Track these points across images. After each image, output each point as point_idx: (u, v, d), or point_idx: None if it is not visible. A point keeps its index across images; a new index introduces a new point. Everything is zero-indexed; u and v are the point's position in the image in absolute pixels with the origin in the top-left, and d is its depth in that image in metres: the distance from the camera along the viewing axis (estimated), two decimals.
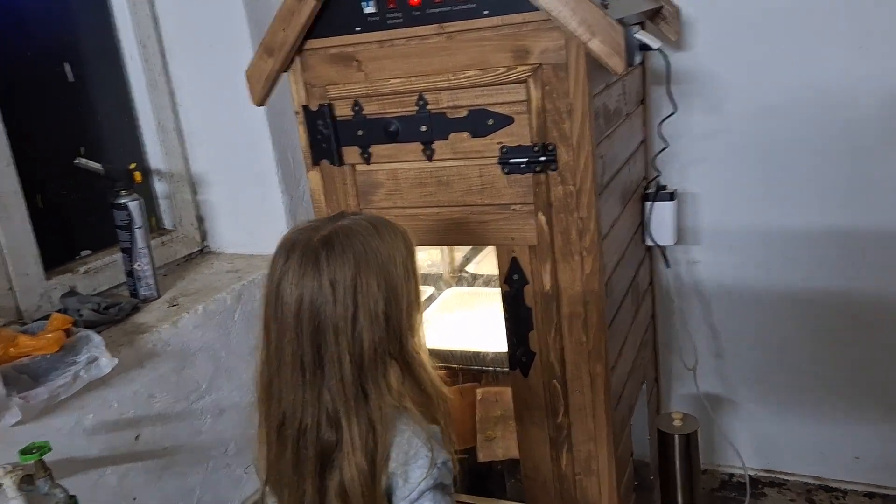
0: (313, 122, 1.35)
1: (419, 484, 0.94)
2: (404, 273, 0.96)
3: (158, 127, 1.76)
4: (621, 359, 1.47)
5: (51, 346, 1.19)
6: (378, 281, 0.93)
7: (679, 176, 1.82)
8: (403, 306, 0.97)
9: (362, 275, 0.92)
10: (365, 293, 0.92)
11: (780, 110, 1.72)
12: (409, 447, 0.96)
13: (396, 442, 0.95)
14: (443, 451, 0.98)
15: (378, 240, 0.94)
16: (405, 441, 0.96)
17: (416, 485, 0.94)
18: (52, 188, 1.56)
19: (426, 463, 0.94)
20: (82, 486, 1.25)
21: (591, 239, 1.25)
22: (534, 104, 1.21)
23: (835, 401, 1.88)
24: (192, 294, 1.60)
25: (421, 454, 0.95)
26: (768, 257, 1.83)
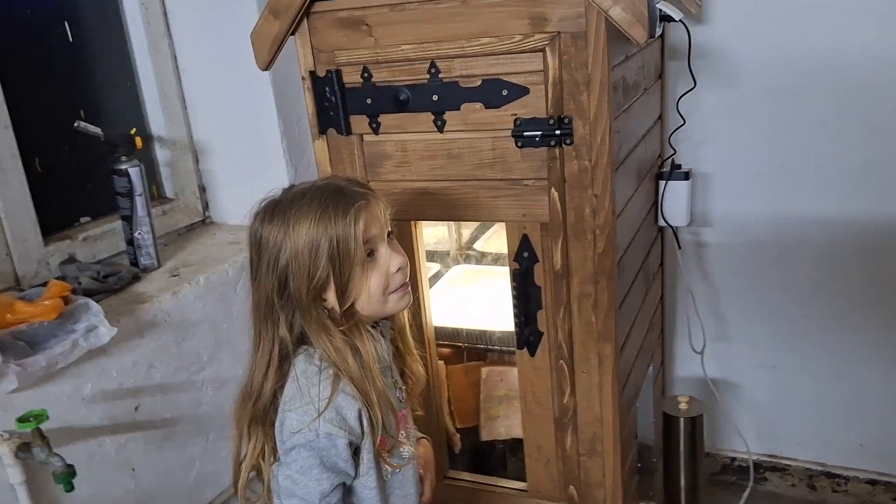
0: (320, 88, 1.31)
1: (292, 436, 0.98)
2: (326, 254, 0.97)
3: (160, 92, 1.72)
4: (630, 340, 1.45)
5: (49, 313, 1.16)
6: (287, 250, 0.98)
7: (693, 155, 1.78)
8: (305, 281, 0.98)
9: (284, 238, 0.98)
10: (269, 249, 0.99)
11: (798, 89, 1.67)
12: (290, 392, 1.00)
13: (288, 384, 1.01)
14: (331, 425, 0.97)
15: (308, 221, 0.97)
16: (292, 384, 1.00)
17: (288, 434, 0.99)
18: (50, 152, 1.52)
19: (300, 417, 0.98)
20: (81, 456, 1.23)
21: (604, 217, 1.22)
22: (550, 74, 1.17)
23: (841, 388, 1.86)
24: (193, 265, 1.57)
25: (296, 405, 0.99)
26: (780, 240, 1.80)
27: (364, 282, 1.00)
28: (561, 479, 1.42)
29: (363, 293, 1.01)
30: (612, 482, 1.38)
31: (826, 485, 1.94)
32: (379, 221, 1.02)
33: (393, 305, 1.05)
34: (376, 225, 1.01)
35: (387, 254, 1.02)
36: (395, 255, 1.03)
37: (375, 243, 1.01)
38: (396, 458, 1.07)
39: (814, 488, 1.96)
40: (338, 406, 0.98)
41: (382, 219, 1.03)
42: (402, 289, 1.05)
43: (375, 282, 1.01)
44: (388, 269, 1.02)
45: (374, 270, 1.01)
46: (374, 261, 1.02)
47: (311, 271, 0.97)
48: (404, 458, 1.09)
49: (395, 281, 1.03)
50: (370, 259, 1.01)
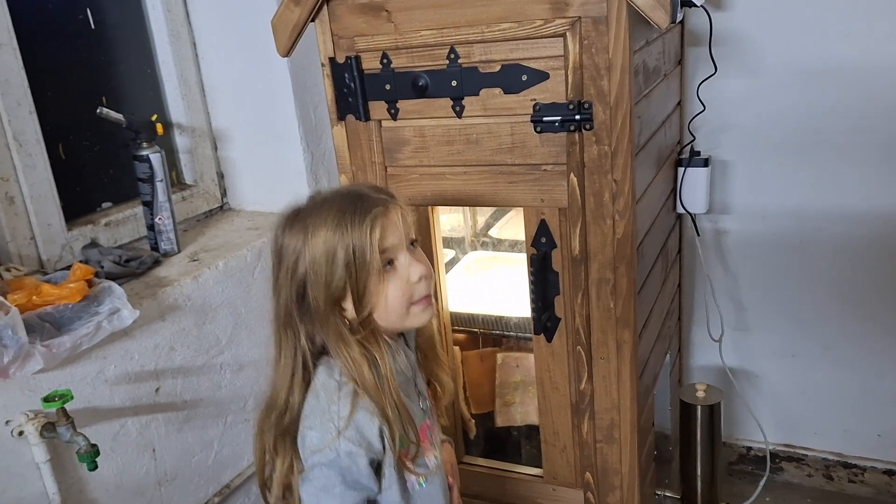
0: (340, 74, 1.32)
1: (313, 454, 0.97)
2: (343, 262, 0.95)
3: (180, 79, 1.73)
4: (648, 327, 1.45)
5: (74, 296, 1.17)
6: (306, 258, 0.97)
7: (713, 142, 1.77)
8: (322, 290, 0.97)
9: (303, 246, 0.97)
10: (289, 257, 0.98)
11: (820, 77, 1.66)
12: (310, 407, 0.99)
13: (308, 397, 1.00)
14: (351, 444, 0.95)
15: (326, 229, 0.96)
16: (312, 398, 0.99)
17: (309, 452, 0.97)
18: (73, 138, 1.54)
19: (320, 436, 0.96)
20: (104, 436, 1.25)
21: (624, 202, 1.22)
22: (571, 59, 1.17)
23: (860, 377, 1.85)
24: (212, 250, 1.58)
25: (315, 423, 0.98)
26: (800, 229, 1.79)
27: (381, 291, 0.98)
28: (577, 465, 1.42)
29: (381, 303, 0.98)
30: (628, 469, 1.38)
31: (843, 475, 1.93)
32: (398, 230, 0.98)
33: (414, 319, 1.02)
34: (394, 233, 0.98)
35: (407, 262, 0.99)
36: (416, 263, 0.99)
37: (395, 252, 0.98)
38: (422, 468, 1.05)
39: (831, 478, 1.95)
40: (358, 424, 0.96)
41: (403, 227, 0.99)
42: (425, 301, 1.02)
43: (395, 292, 0.99)
44: (408, 278, 0.99)
45: (394, 280, 0.98)
46: (393, 269, 0.99)
47: (328, 279, 0.95)
48: (430, 467, 1.06)
49: (417, 291, 1.00)
50: (390, 268, 0.98)
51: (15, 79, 1.34)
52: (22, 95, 1.35)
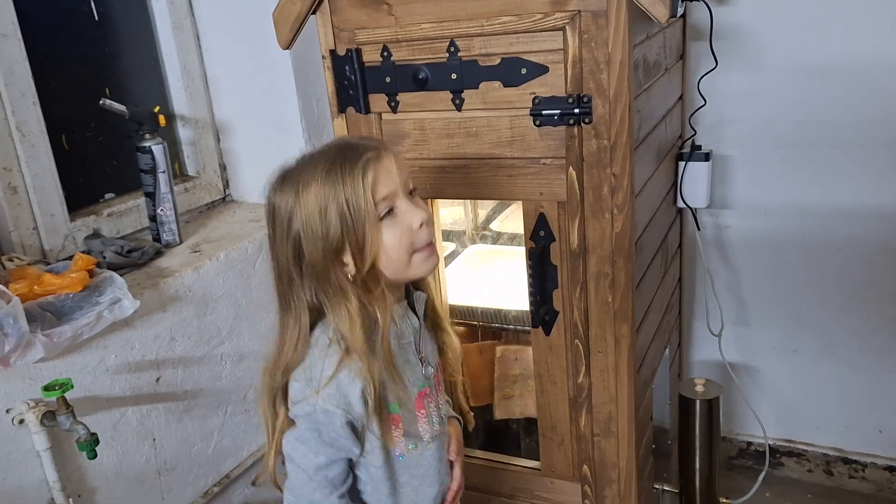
0: (340, 67, 1.32)
1: (294, 405, 0.98)
2: (337, 214, 0.93)
3: (183, 71, 1.74)
4: (646, 321, 1.45)
5: (75, 286, 1.18)
6: (299, 216, 0.95)
7: (714, 136, 1.76)
8: (319, 245, 0.95)
9: (294, 204, 0.95)
10: (281, 216, 0.96)
11: (823, 73, 1.65)
12: (304, 360, 0.99)
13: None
14: (329, 403, 0.95)
15: (316, 182, 0.94)
16: (307, 352, 0.99)
17: (291, 403, 0.99)
18: (77, 129, 1.55)
19: (301, 389, 0.97)
20: (104, 424, 1.26)
21: (623, 196, 1.22)
22: (570, 53, 1.17)
23: (862, 374, 1.84)
24: (214, 241, 1.59)
25: (300, 376, 0.98)
26: (802, 225, 1.78)
27: (381, 240, 0.95)
28: (575, 458, 1.43)
29: (382, 253, 0.96)
30: (625, 463, 1.39)
31: (843, 471, 1.93)
32: (393, 176, 0.95)
33: (418, 267, 1.00)
34: (390, 180, 0.95)
35: (406, 209, 0.96)
36: (416, 210, 0.97)
37: (392, 199, 0.96)
38: (413, 437, 1.04)
39: (831, 474, 1.95)
40: (340, 383, 0.96)
41: (398, 173, 0.96)
42: (429, 248, 0.99)
43: (396, 239, 0.96)
44: (409, 225, 0.96)
45: (394, 228, 0.96)
46: (392, 217, 0.96)
47: (324, 233, 0.93)
48: (423, 437, 1.05)
49: (419, 238, 0.97)
50: (388, 216, 0.96)
51: (19, 69, 1.35)
52: (26, 86, 1.36)
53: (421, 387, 1.06)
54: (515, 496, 1.52)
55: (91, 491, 1.26)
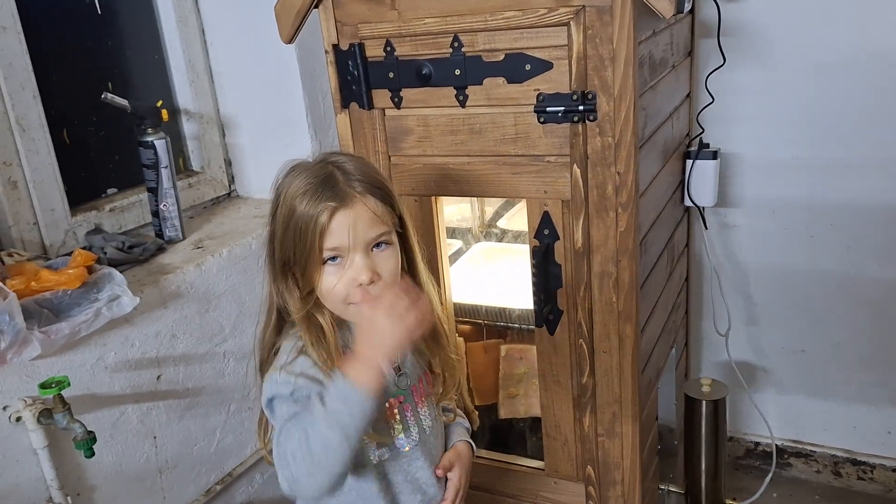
0: (343, 62, 1.31)
1: (265, 401, 1.00)
2: (292, 232, 0.96)
3: (188, 65, 1.73)
4: (651, 321, 1.43)
5: (72, 282, 1.18)
6: (277, 215, 0.99)
7: (722, 134, 1.74)
8: (277, 249, 1.00)
9: (275, 202, 1.00)
10: (271, 206, 1.00)
11: (833, 70, 1.62)
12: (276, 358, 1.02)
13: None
14: (293, 379, 0.97)
15: (293, 195, 0.97)
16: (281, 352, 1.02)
17: (264, 400, 1.01)
18: (78, 123, 1.54)
19: (273, 377, 0.99)
20: (104, 423, 1.26)
21: (627, 195, 1.20)
22: (575, 49, 1.15)
23: (871, 374, 1.82)
24: (217, 237, 1.58)
25: (276, 364, 1.00)
26: (811, 224, 1.76)
27: (321, 280, 0.97)
28: (579, 458, 1.41)
29: (319, 291, 0.99)
30: (629, 464, 1.37)
31: (851, 472, 1.91)
32: (349, 231, 0.95)
33: (353, 317, 0.99)
34: (343, 233, 0.95)
35: (354, 264, 0.96)
36: (362, 269, 0.96)
37: (342, 251, 0.96)
38: (385, 447, 1.05)
39: (839, 475, 1.92)
40: (302, 366, 0.98)
41: (360, 229, 0.96)
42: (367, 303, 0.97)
43: (332, 286, 0.97)
44: (352, 278, 0.97)
45: (333, 274, 0.97)
46: (339, 265, 0.97)
47: (282, 241, 0.97)
48: (398, 447, 1.05)
49: (354, 295, 0.97)
50: (336, 263, 0.97)
51: (19, 62, 1.34)
52: (26, 79, 1.35)
53: (394, 395, 1.05)
54: (519, 496, 1.50)
55: (90, 489, 1.25)
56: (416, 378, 1.11)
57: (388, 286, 0.98)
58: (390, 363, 0.93)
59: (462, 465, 1.14)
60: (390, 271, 1.00)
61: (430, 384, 1.13)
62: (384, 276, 0.98)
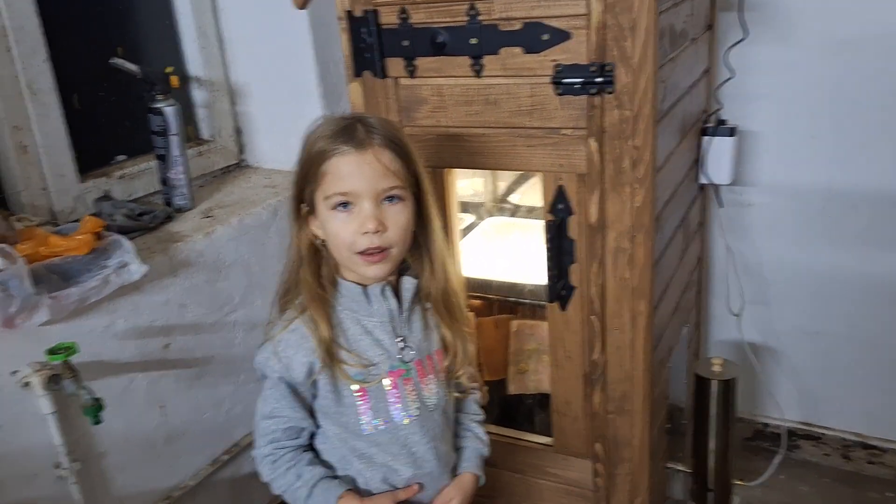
0: (357, 29, 1.28)
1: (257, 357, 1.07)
2: (302, 171, 1.02)
3: (199, 32, 1.70)
4: (665, 299, 1.41)
5: (81, 248, 1.17)
6: (307, 155, 1.02)
7: (741, 111, 1.70)
8: (294, 189, 1.04)
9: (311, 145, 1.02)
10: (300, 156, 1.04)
11: (859, 45, 1.58)
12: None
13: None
14: (266, 351, 1.04)
15: (313, 136, 1.02)
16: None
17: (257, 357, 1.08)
18: (89, 89, 1.52)
19: (265, 352, 1.05)
20: (112, 390, 1.25)
21: (644, 170, 1.17)
22: (594, 19, 1.12)
23: (885, 358, 1.80)
24: (227, 206, 1.57)
25: (272, 332, 1.06)
26: (829, 204, 1.72)
27: (328, 226, 1.01)
28: (588, 435, 1.40)
29: (329, 238, 1.02)
30: (639, 442, 1.36)
31: (862, 456, 1.90)
32: (356, 177, 0.97)
33: (357, 268, 1.02)
34: (348, 179, 0.97)
35: (362, 211, 0.98)
36: (368, 217, 0.98)
37: (351, 196, 0.98)
38: (381, 416, 1.05)
39: (848, 458, 1.91)
40: (287, 344, 1.03)
41: (370, 177, 0.98)
42: (372, 256, 1.00)
43: (338, 232, 0.99)
44: (359, 226, 0.98)
45: (344, 222, 0.99)
46: (349, 211, 0.99)
47: (296, 179, 1.02)
48: (394, 419, 1.06)
49: (359, 243, 0.99)
50: (345, 209, 0.99)
51: (30, 26, 1.32)
52: (37, 43, 1.33)
53: (394, 367, 1.06)
54: (526, 472, 1.50)
55: (98, 456, 1.26)
56: (426, 354, 1.10)
57: (394, 242, 1.00)
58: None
59: (460, 500, 1.14)
60: (399, 226, 1.01)
61: (441, 360, 1.12)
62: (391, 228, 1.00)
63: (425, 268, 1.08)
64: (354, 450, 1.07)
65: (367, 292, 1.05)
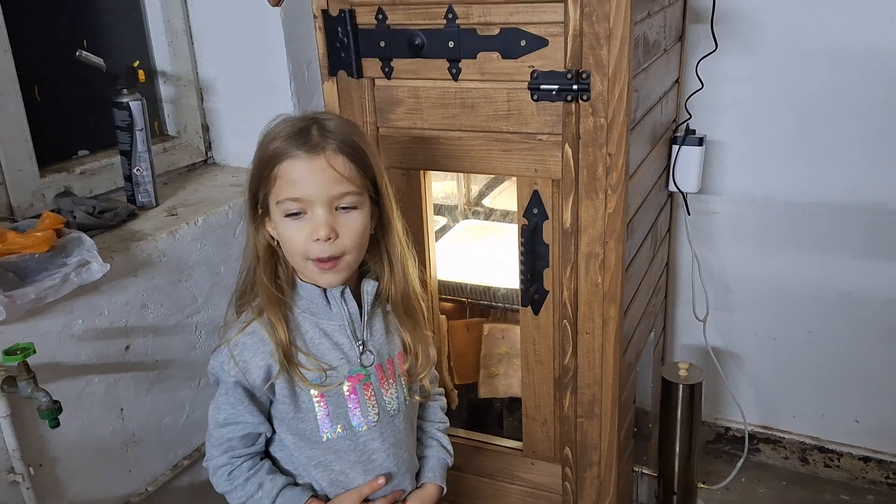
0: (332, 28, 1.26)
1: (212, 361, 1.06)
2: (274, 172, 0.99)
3: (167, 25, 1.66)
4: (634, 304, 1.42)
5: (40, 245, 1.12)
6: (261, 156, 1.01)
7: (709, 121, 1.73)
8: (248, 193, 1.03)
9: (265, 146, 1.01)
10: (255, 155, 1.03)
11: (822, 60, 1.63)
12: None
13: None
14: (221, 355, 1.02)
15: (268, 138, 1.00)
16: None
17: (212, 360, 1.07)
18: (50, 81, 1.47)
19: (220, 356, 1.04)
20: (69, 393, 1.21)
21: (617, 177, 1.18)
22: (571, 26, 1.12)
23: (841, 363, 1.85)
24: (192, 205, 1.53)
25: (227, 335, 1.05)
26: (790, 213, 1.77)
27: (280, 232, 0.99)
28: (557, 439, 1.41)
29: (282, 243, 1.00)
30: (607, 445, 1.37)
31: (819, 459, 1.94)
32: (318, 182, 0.95)
33: (312, 276, 1.01)
34: (299, 185, 0.96)
35: (314, 217, 0.96)
36: (321, 224, 0.96)
37: (302, 203, 0.96)
38: (340, 422, 1.04)
39: (806, 461, 1.96)
40: (244, 347, 1.01)
41: (323, 183, 0.96)
42: (325, 264, 0.99)
43: (289, 237, 0.98)
44: (311, 232, 0.97)
45: (296, 228, 0.97)
46: (301, 219, 0.97)
47: (250, 179, 1.01)
48: (353, 425, 1.05)
49: (312, 250, 0.97)
50: (298, 217, 0.97)
51: None
52: None
53: (353, 371, 1.05)
54: (494, 476, 1.50)
55: (53, 461, 1.21)
56: (386, 358, 1.09)
57: (348, 249, 0.99)
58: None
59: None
60: (353, 232, 0.99)
61: (402, 364, 1.11)
62: (343, 236, 0.98)
63: (385, 270, 1.07)
64: (311, 458, 1.06)
65: (327, 295, 1.03)
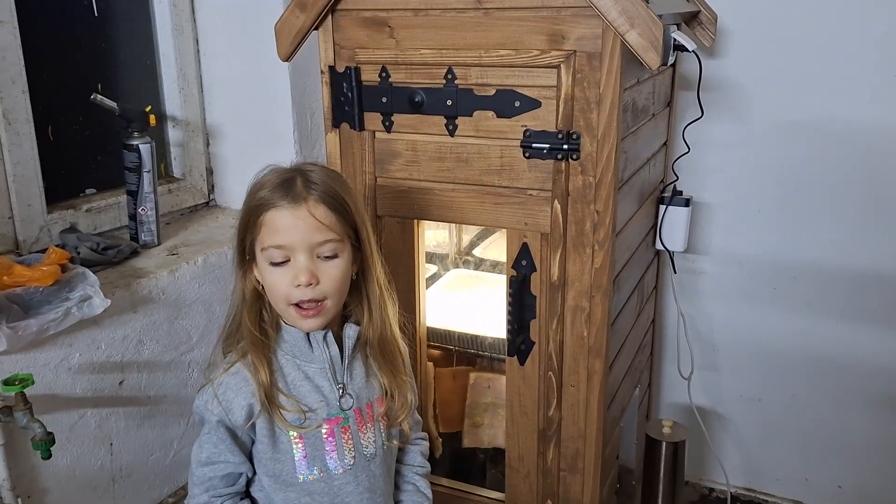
0: (338, 83, 1.33)
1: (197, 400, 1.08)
2: (243, 225, 1.05)
3: (179, 73, 1.73)
4: (619, 358, 1.45)
5: (46, 279, 1.16)
6: (247, 205, 1.05)
7: (696, 183, 1.79)
8: (245, 237, 1.06)
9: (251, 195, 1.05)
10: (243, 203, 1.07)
11: (804, 131, 1.70)
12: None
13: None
14: (205, 394, 1.05)
15: (254, 187, 1.05)
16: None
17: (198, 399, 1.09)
18: (64, 122, 1.53)
19: (205, 395, 1.06)
20: (61, 425, 1.23)
21: (604, 233, 1.23)
22: (563, 91, 1.19)
23: (824, 428, 1.87)
24: (193, 245, 1.57)
25: (213, 374, 1.07)
26: (775, 276, 1.81)
27: (264, 278, 1.03)
28: (539, 492, 1.42)
29: (266, 289, 1.04)
30: (590, 501, 1.38)
31: None
32: (299, 231, 1.00)
33: (293, 321, 1.05)
34: (282, 233, 1.00)
35: (296, 264, 1.00)
36: (302, 270, 1.00)
37: (285, 250, 1.00)
38: (317, 464, 1.06)
39: None
40: (227, 387, 1.04)
41: (304, 232, 1.00)
42: (304, 311, 1.03)
43: (273, 283, 1.02)
44: (292, 278, 1.00)
45: (280, 275, 1.01)
46: (284, 267, 1.01)
47: (237, 227, 1.05)
48: (330, 468, 1.07)
49: (293, 295, 1.01)
50: (282, 265, 1.01)
51: (12, 56, 1.33)
52: (17, 74, 1.35)
53: (332, 414, 1.07)
54: None
55: (42, 492, 1.22)
56: (366, 402, 1.11)
57: (328, 294, 1.03)
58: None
59: None
60: (333, 279, 1.03)
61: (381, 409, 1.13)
62: (324, 283, 1.02)
63: (364, 315, 1.10)
64: (286, 500, 1.07)
65: (310, 338, 1.06)
